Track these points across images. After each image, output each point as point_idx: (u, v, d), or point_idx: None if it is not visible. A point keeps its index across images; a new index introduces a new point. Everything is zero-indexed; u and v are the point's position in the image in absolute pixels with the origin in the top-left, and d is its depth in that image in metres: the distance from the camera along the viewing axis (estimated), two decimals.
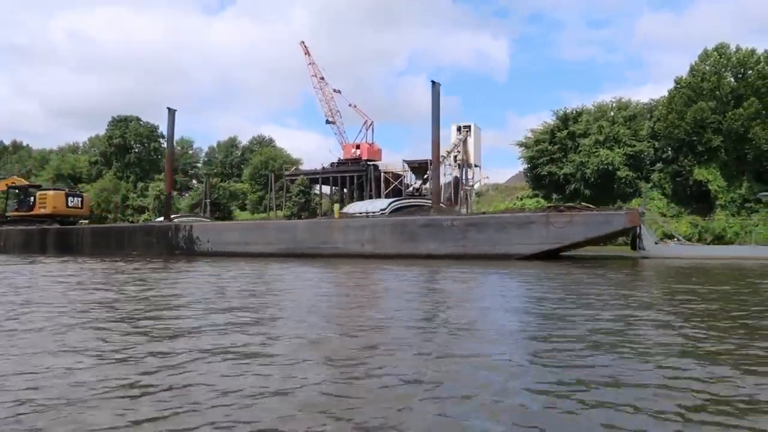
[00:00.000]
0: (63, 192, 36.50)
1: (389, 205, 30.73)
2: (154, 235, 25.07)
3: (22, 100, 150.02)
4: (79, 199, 36.27)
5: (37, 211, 33.77)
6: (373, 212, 28.90)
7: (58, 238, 28.35)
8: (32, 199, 34.60)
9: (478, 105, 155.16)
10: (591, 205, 24.00)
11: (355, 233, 20.34)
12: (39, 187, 37.23)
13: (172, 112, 31.36)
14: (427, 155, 66.88)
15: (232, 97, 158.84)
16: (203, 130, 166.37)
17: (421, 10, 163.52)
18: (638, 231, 18.53)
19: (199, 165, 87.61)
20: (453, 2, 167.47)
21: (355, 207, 35.10)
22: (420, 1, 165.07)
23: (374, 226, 20.66)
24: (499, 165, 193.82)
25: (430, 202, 40.08)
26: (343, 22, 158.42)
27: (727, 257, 19.75)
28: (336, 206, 61.25)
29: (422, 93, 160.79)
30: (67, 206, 34.43)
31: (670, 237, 23.56)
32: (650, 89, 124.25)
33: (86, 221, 31.95)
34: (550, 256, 17.39)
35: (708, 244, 37.36)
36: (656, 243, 19.78)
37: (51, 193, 35.68)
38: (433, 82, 23.10)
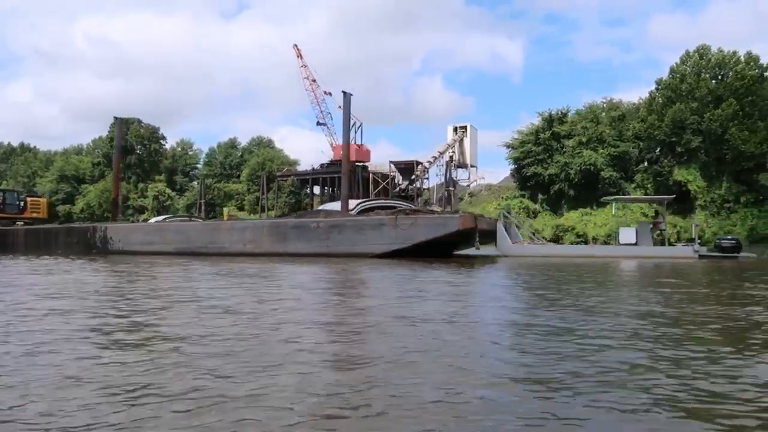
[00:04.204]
0: (50, 200, 41.73)
1: (357, 205, 31.72)
2: (74, 235, 26.82)
3: (44, 104, 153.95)
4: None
5: (29, 214, 36.93)
6: None
7: None
8: (23, 203, 37.57)
9: (492, 105, 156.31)
10: (436, 210, 25.57)
11: (239, 234, 22.29)
12: (13, 191, 40.87)
13: (121, 122, 34.12)
14: (416, 156, 67.78)
15: (251, 99, 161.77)
16: (222, 132, 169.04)
17: (437, 12, 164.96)
18: (476, 233, 19.51)
19: (199, 166, 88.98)
20: (467, 5, 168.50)
21: (327, 207, 36.21)
22: (436, 4, 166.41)
23: (254, 228, 22.77)
24: (505, 165, 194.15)
25: (405, 204, 40.90)
26: (360, 25, 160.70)
27: (570, 255, 21.17)
28: (226, 209, 63.22)
29: (438, 94, 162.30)
30: (51, 211, 38.83)
31: (531, 237, 24.94)
32: None
33: (21, 223, 34.41)
34: (401, 254, 18.50)
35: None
36: (513, 243, 20.99)
37: (44, 199, 41.21)
38: (344, 93, 24.81)
